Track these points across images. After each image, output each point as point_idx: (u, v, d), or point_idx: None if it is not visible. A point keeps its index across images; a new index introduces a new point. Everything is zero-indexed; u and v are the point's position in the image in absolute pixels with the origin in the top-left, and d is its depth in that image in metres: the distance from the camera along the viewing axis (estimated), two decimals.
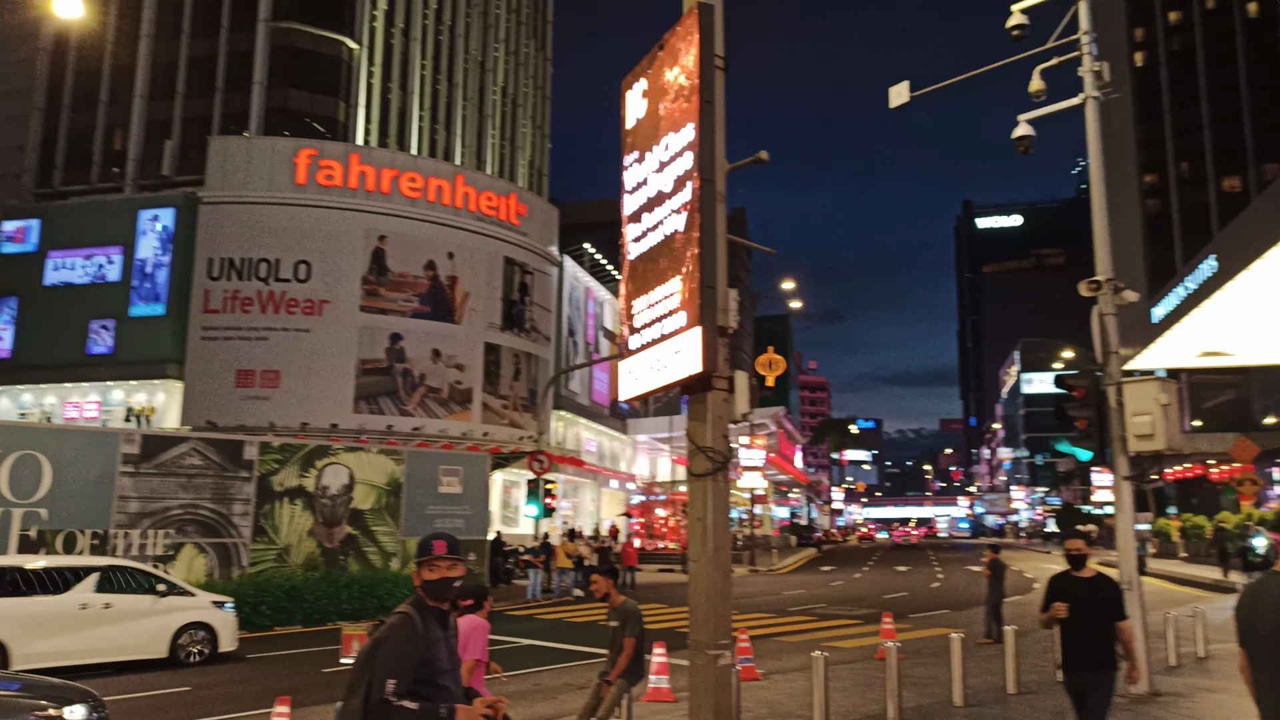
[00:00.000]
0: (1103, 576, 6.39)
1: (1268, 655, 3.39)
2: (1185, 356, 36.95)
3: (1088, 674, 6.13)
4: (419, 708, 3.54)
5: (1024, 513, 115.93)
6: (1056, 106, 11.65)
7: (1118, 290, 11.00)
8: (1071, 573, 6.40)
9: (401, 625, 3.73)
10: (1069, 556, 6.45)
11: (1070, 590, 6.28)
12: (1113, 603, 6.24)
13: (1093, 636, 6.14)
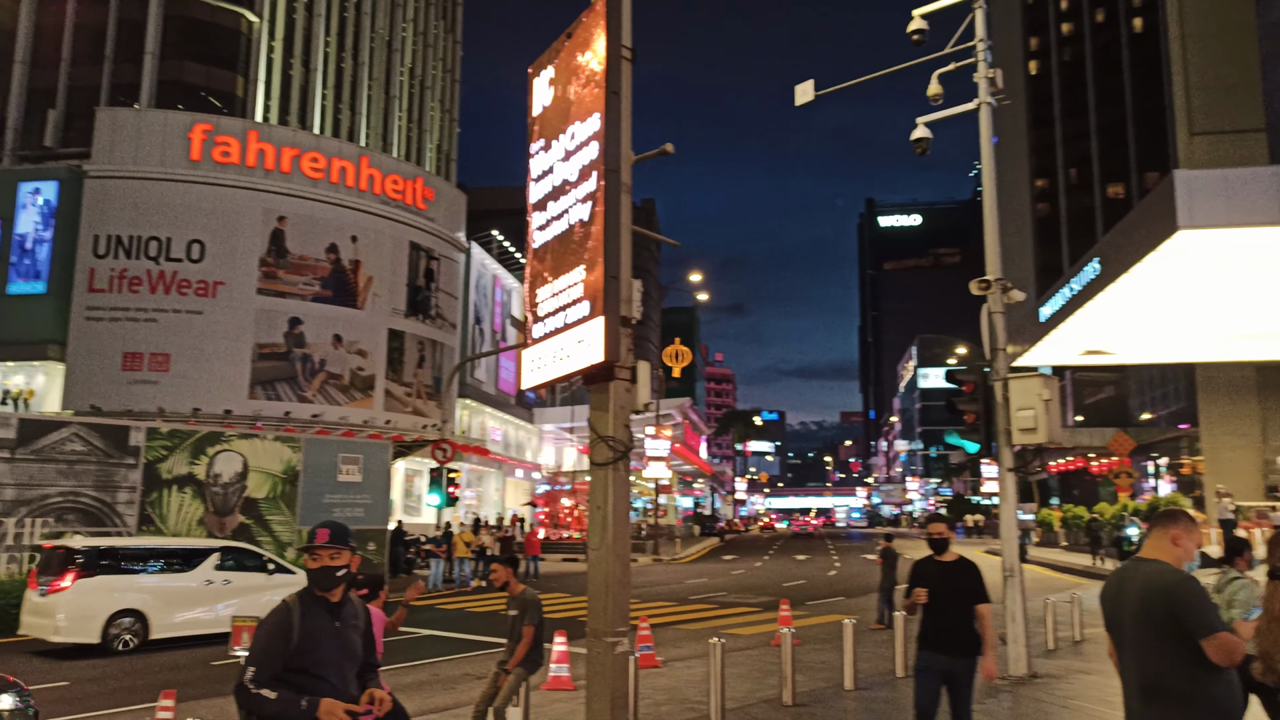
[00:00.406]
0: (964, 560, 6.23)
1: (1129, 639, 3.59)
2: (1070, 354, 38.74)
3: (949, 660, 6.00)
4: (277, 696, 3.52)
5: (918, 503, 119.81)
6: (952, 111, 12.04)
7: (1006, 290, 11.45)
8: (934, 557, 6.28)
9: (274, 614, 3.71)
10: (930, 541, 6.35)
11: (931, 575, 6.14)
12: (973, 586, 6.07)
13: (954, 621, 6.00)
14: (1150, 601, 3.48)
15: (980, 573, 6.19)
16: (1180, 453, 49.16)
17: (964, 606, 6.01)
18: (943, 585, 6.05)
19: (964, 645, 5.98)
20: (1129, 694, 3.60)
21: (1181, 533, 3.61)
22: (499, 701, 6.99)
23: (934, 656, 6.06)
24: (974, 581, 6.09)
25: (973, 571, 6.14)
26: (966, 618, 6.00)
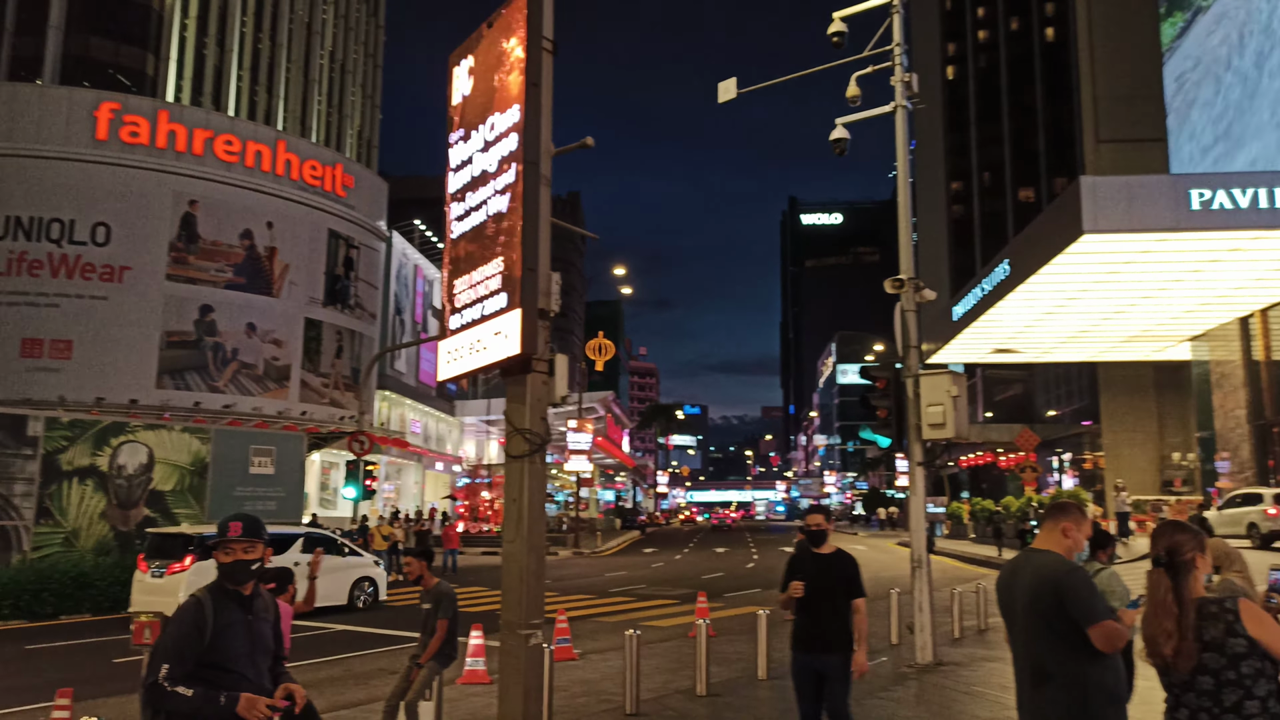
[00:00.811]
0: (841, 553, 5.95)
1: (1021, 626, 3.75)
2: (981, 353, 40.01)
3: (823, 658, 5.73)
4: (195, 693, 3.46)
5: (835, 496, 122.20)
6: (869, 113, 12.29)
7: (918, 289, 11.75)
8: (811, 549, 5.97)
9: (186, 609, 3.64)
10: (807, 532, 5.99)
11: (807, 569, 5.85)
12: (849, 580, 5.81)
13: (829, 617, 5.74)
14: (1040, 590, 3.63)
15: (857, 566, 5.95)
16: (1083, 448, 51.16)
17: (839, 601, 5.76)
18: (818, 579, 5.78)
19: (838, 642, 5.73)
20: (1020, 678, 3.76)
21: (1071, 524, 3.77)
22: (410, 696, 6.93)
23: (807, 656, 5.83)
24: (850, 575, 5.84)
25: (849, 564, 5.88)
26: (842, 613, 5.75)
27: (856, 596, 5.79)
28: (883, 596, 14.30)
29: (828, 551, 5.94)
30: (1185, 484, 39.47)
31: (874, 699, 9.08)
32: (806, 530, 5.99)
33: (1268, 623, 3.04)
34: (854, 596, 5.78)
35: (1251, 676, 3.01)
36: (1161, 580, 3.20)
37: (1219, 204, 22.68)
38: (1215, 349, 33.67)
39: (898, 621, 12.64)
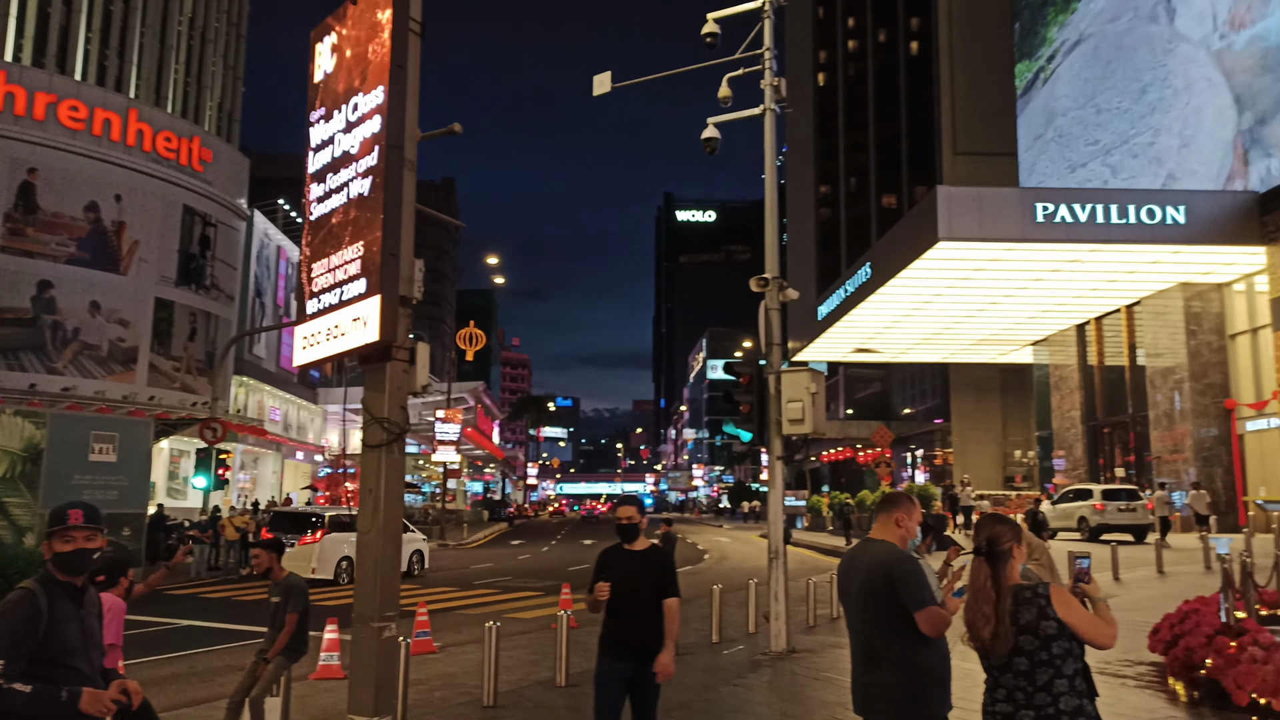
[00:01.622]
0: (655, 549, 5.49)
1: (856, 613, 3.94)
2: (843, 352, 41.50)
3: (634, 666, 5.23)
4: (33, 690, 3.25)
5: (702, 490, 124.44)
6: (740, 114, 12.55)
7: (782, 288, 12.08)
8: (622, 546, 5.44)
9: (17, 603, 3.42)
10: (618, 527, 5.46)
11: (617, 567, 5.33)
12: (662, 578, 5.31)
13: (640, 620, 5.23)
14: (873, 577, 3.83)
15: (672, 563, 5.51)
16: (934, 445, 53.77)
17: (653, 603, 5.25)
18: (629, 579, 5.26)
19: (651, 647, 5.22)
20: (855, 661, 3.95)
21: (903, 514, 3.99)
22: (256, 692, 6.70)
23: (616, 664, 5.29)
24: (663, 573, 5.35)
25: (663, 562, 5.43)
26: (654, 615, 5.24)
27: (669, 596, 5.30)
28: (742, 587, 14.67)
29: (640, 548, 5.42)
30: (1025, 480, 42.01)
31: (728, 687, 9.33)
32: (617, 524, 5.47)
33: (1075, 606, 3.29)
34: (667, 596, 5.29)
35: (1061, 656, 3.25)
36: (982, 569, 3.42)
37: (1061, 217, 24.22)
38: (1055, 353, 35.96)
39: (755, 611, 13.00)
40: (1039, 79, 39.02)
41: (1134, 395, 30.73)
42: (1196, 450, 27.05)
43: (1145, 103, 31.26)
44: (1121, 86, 32.59)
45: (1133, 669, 9.48)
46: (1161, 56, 30.62)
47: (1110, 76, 33.49)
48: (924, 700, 3.73)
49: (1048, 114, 38.19)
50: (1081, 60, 35.61)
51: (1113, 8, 33.63)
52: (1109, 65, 33.64)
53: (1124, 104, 32.41)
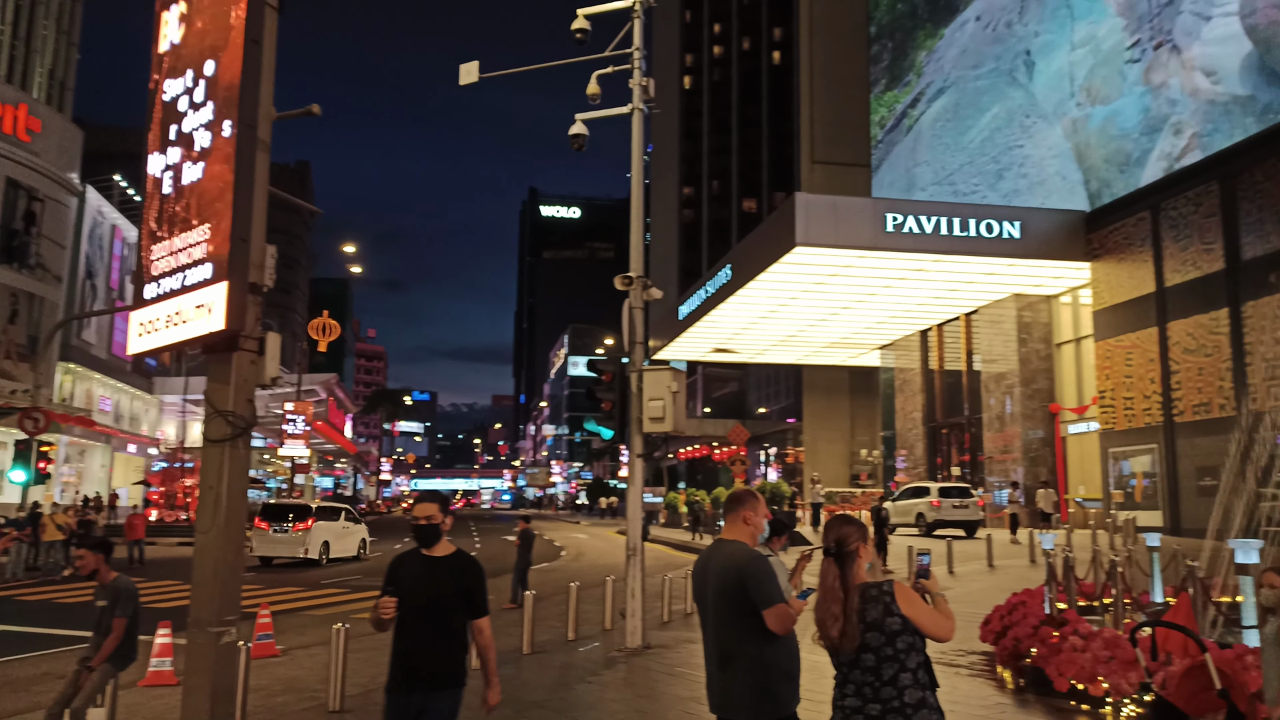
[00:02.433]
0: (461, 557, 4.49)
1: (711, 613, 4.00)
2: (702, 351, 42.25)
3: (424, 695, 4.31)
4: None
5: (561, 486, 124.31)
6: (608, 112, 12.57)
7: (646, 287, 12.18)
8: (419, 551, 4.47)
9: None
10: (415, 529, 4.44)
11: (411, 576, 4.39)
12: (468, 592, 4.39)
13: (432, 641, 4.32)
14: (726, 577, 3.89)
15: (481, 574, 4.51)
16: (787, 443, 55.45)
17: (451, 621, 4.36)
18: (426, 591, 4.34)
19: (446, 674, 4.35)
20: (709, 660, 4.01)
21: (749, 512, 4.07)
22: (78, 702, 6.24)
23: (405, 698, 4.33)
24: (468, 586, 4.42)
25: (469, 571, 4.45)
26: (451, 638, 4.36)
27: (478, 615, 4.43)
28: (599, 584, 14.71)
29: (442, 554, 4.45)
30: (870, 478, 43.88)
31: (584, 684, 9.33)
32: (413, 525, 4.47)
33: (916, 601, 3.44)
34: (475, 615, 4.42)
35: (905, 650, 3.39)
36: (830, 568, 3.53)
37: (909, 228, 25.39)
38: (900, 358, 37.70)
39: (611, 607, 13.06)
40: (904, 123, 39.74)
41: (970, 398, 32.56)
42: (1024, 451, 28.91)
43: (1001, 190, 31.69)
44: (980, 165, 33.19)
45: (966, 659, 10.02)
46: (1019, 134, 30.98)
47: (968, 148, 34.03)
48: (775, 697, 3.82)
49: (908, 178, 38.80)
50: (943, 120, 36.23)
51: (976, 51, 34.05)
52: (968, 134, 34.10)
53: (981, 189, 32.91)
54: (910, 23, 40.15)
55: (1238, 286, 20.90)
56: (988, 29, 33.68)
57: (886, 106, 42.04)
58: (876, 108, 43.17)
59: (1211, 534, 13.50)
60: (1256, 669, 5.86)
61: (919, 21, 39.25)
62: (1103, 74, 26.88)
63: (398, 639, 4.41)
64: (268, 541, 23.79)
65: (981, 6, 34.18)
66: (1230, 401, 20.78)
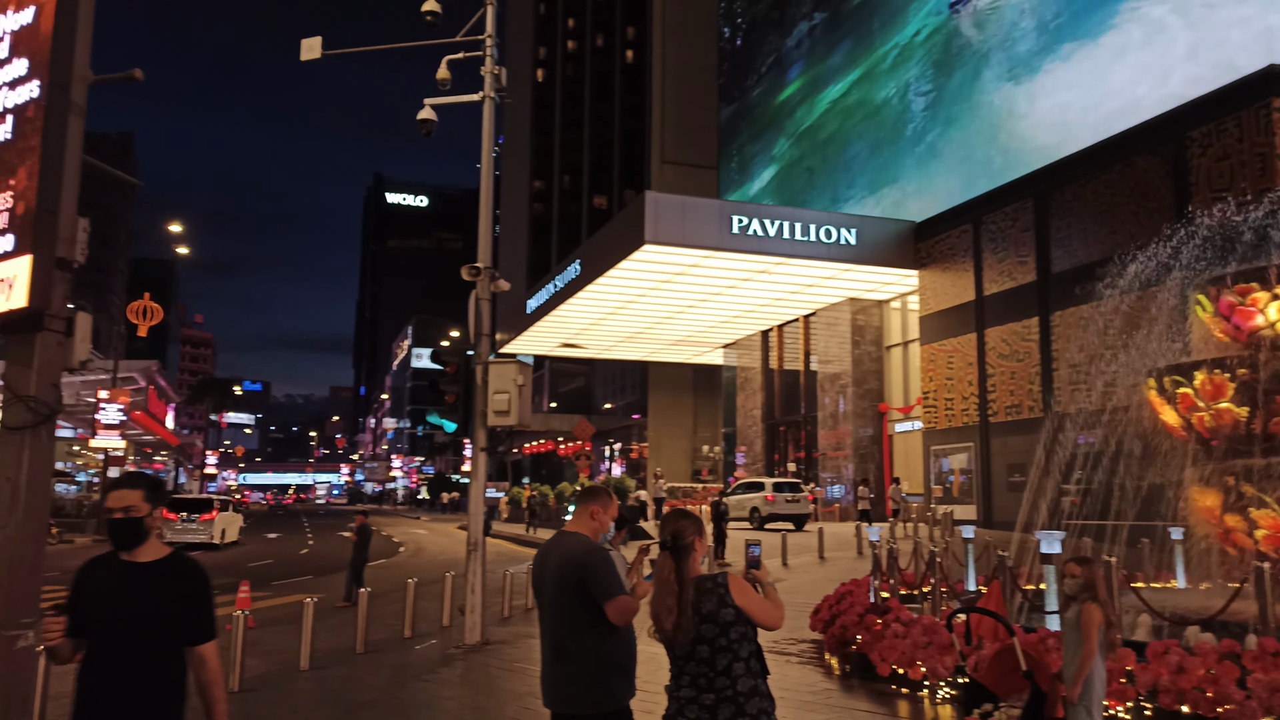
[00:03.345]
0: (176, 561, 3.40)
1: (549, 605, 3.98)
2: (550, 345, 42.13)
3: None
4: None
5: (401, 481, 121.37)
6: (458, 98, 12.32)
7: (494, 278, 12.02)
8: (117, 555, 3.35)
9: None
10: (111, 524, 3.36)
11: (104, 590, 3.30)
12: (182, 613, 3.31)
13: (127, 680, 3.22)
14: (565, 569, 3.88)
15: (205, 582, 3.42)
16: (632, 439, 56.05)
17: (153, 649, 3.26)
18: (121, 608, 3.25)
19: (145, 713, 3.24)
20: (545, 653, 3.99)
21: (599, 508, 4.08)
22: None
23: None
24: (186, 601, 3.35)
25: (187, 581, 3.38)
26: (157, 672, 3.27)
27: (199, 640, 3.36)
28: (438, 580, 14.43)
29: (149, 559, 3.36)
30: (711, 473, 44.93)
31: (419, 683, 9.12)
32: (108, 520, 3.40)
33: (749, 592, 3.52)
34: (195, 640, 3.35)
35: (738, 640, 3.46)
36: (666, 562, 3.56)
37: (754, 230, 26.12)
38: (742, 357, 38.76)
39: (450, 604, 12.83)
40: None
41: (806, 397, 33.84)
42: (855, 448, 30.30)
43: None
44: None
45: (796, 647, 10.40)
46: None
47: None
48: (609, 689, 3.83)
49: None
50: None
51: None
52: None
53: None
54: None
55: (1048, 297, 22.58)
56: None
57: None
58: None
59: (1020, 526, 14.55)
60: (1058, 651, 6.34)
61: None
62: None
63: (81, 679, 3.27)
64: (176, 530, 27.66)
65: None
66: (1039, 404, 22.43)
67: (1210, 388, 9.71)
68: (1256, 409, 9.39)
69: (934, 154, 30.87)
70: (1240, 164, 17.85)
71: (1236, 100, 18.09)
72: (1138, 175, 20.30)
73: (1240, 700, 6.19)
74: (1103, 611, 5.14)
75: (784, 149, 40.22)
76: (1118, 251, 14.00)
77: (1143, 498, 11.66)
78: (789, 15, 39.53)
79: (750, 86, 42.37)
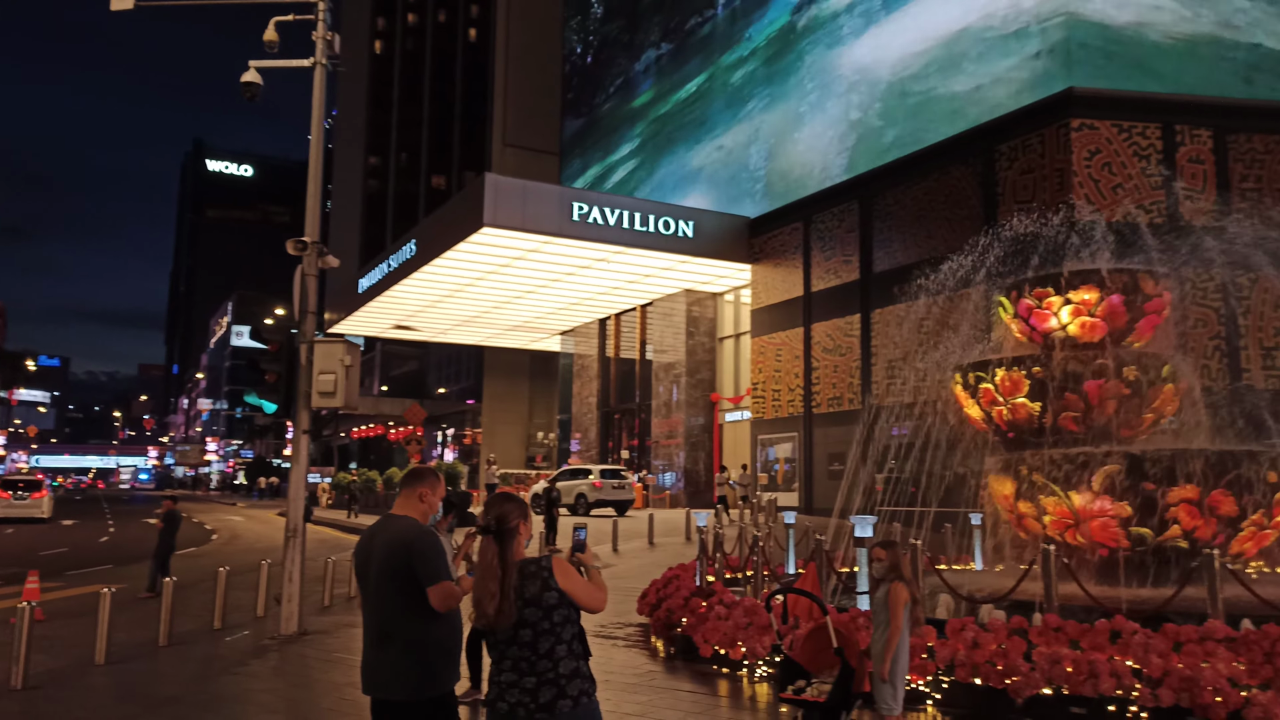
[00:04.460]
0: None
1: (373, 589, 3.84)
2: (383, 327, 40.88)
3: None
4: None
5: (217, 465, 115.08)
6: (287, 63, 11.72)
7: (322, 253, 11.51)
8: None
9: None
10: None
11: None
12: None
13: None
14: (392, 553, 3.77)
15: None
16: (465, 424, 55.22)
17: None
18: None
19: None
20: (367, 640, 3.85)
21: (427, 489, 3.98)
22: None
23: None
24: None
25: None
26: None
27: None
28: (253, 568, 13.74)
29: None
30: (545, 460, 44.85)
31: (229, 675, 8.66)
32: None
33: (573, 575, 3.51)
34: None
35: (561, 623, 3.44)
36: (490, 546, 3.51)
37: (594, 219, 26.20)
38: (579, 344, 38.86)
39: (266, 593, 12.26)
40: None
41: (642, 386, 34.30)
42: (687, 436, 30.99)
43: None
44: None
45: (623, 630, 10.53)
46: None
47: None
48: (433, 673, 3.75)
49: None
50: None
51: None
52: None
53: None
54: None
55: (869, 296, 23.76)
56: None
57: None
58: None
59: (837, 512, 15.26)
60: (867, 629, 6.68)
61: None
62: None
63: None
64: (9, 507, 33.01)
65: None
66: (858, 396, 23.61)
67: (1009, 384, 10.47)
68: (1048, 404, 10.19)
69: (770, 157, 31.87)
70: (1042, 178, 19.33)
71: (1040, 119, 19.57)
72: (952, 184, 21.64)
73: (1025, 672, 6.71)
74: (908, 591, 5.45)
75: (629, 150, 40.46)
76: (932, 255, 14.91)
77: (948, 486, 12.48)
78: (637, 40, 40.05)
79: (599, 104, 42.55)
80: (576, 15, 45.52)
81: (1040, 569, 7.91)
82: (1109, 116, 18.86)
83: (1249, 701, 6.06)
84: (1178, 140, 18.97)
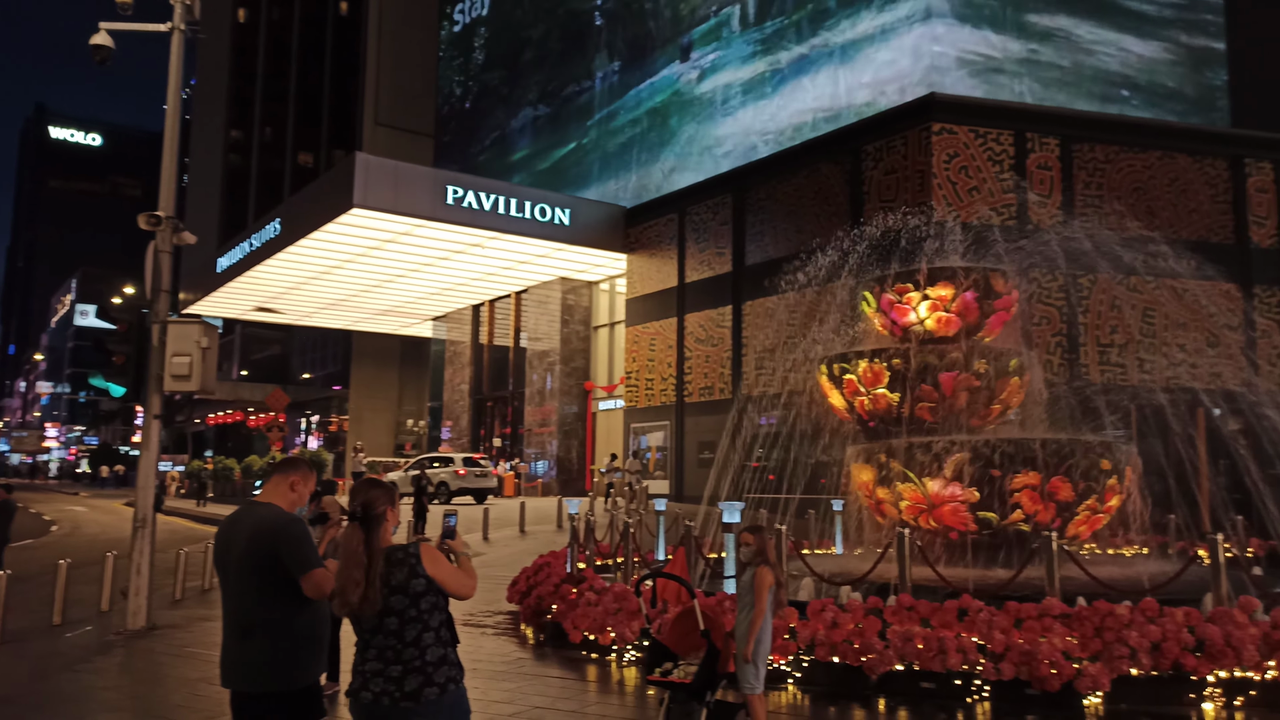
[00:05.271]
0: None
1: (234, 578, 3.69)
2: (243, 309, 39.17)
3: None
4: None
5: (57, 453, 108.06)
6: (141, 26, 11.07)
7: (177, 229, 10.94)
8: None
9: None
10: None
11: None
12: None
13: None
14: (257, 541, 3.64)
15: None
16: (331, 411, 53.56)
17: None
18: None
19: None
20: (228, 631, 3.71)
21: (299, 479, 3.87)
22: None
23: None
24: None
25: None
26: None
27: None
28: (97, 561, 12.99)
29: None
30: (415, 448, 43.99)
31: (69, 673, 8.16)
32: None
33: (441, 561, 3.47)
34: None
35: (429, 610, 3.40)
36: (355, 533, 3.43)
37: (469, 203, 25.80)
38: (452, 330, 38.22)
39: (111, 587, 11.61)
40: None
41: (515, 373, 34.03)
42: (560, 424, 30.95)
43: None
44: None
45: (493, 618, 10.46)
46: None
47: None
48: (298, 663, 3.65)
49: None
50: None
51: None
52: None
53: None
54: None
55: (741, 288, 24.26)
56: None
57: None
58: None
59: (706, 499, 15.56)
60: (732, 612, 6.85)
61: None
62: None
63: None
64: None
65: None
66: (729, 386, 24.09)
67: (870, 375, 10.90)
68: (905, 395, 10.67)
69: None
70: (904, 179, 20.15)
71: (903, 122, 20.39)
72: (821, 181, 22.32)
73: (880, 650, 7.02)
74: (773, 574, 5.62)
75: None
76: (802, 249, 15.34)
77: (812, 473, 12.91)
78: (515, 96, 39.79)
79: (475, 154, 42.07)
80: (458, 57, 44.65)
81: (896, 552, 8.28)
82: (967, 122, 19.80)
83: (1080, 673, 6.53)
84: (1028, 147, 20.10)
